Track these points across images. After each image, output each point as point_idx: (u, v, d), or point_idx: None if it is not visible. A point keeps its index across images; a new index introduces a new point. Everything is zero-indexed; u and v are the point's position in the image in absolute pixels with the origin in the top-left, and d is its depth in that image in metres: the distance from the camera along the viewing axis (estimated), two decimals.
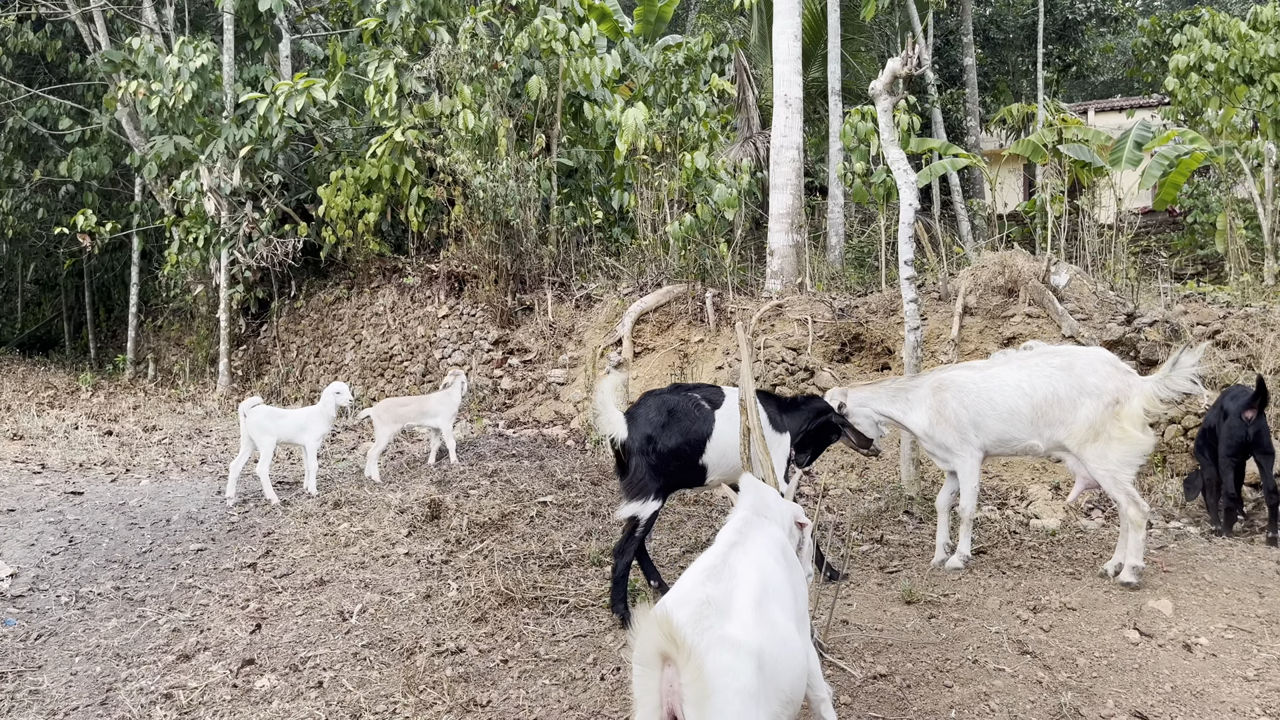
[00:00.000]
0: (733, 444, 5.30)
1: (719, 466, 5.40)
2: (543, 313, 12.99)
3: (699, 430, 5.30)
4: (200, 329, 17.11)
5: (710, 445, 5.32)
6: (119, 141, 17.65)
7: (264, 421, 7.91)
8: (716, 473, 5.43)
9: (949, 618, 5.12)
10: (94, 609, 5.53)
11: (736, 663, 2.55)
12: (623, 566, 5.16)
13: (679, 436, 5.26)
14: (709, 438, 5.31)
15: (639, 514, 5.18)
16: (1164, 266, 13.10)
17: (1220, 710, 4.09)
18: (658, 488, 5.21)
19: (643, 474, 5.19)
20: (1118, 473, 5.60)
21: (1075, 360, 5.81)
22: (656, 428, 5.23)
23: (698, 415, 5.34)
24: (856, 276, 13.57)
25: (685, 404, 5.37)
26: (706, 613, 2.66)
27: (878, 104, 7.99)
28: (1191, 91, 14.71)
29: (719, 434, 5.33)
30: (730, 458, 5.36)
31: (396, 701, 4.28)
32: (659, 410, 5.31)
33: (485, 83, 12.72)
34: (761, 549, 3.18)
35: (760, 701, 2.57)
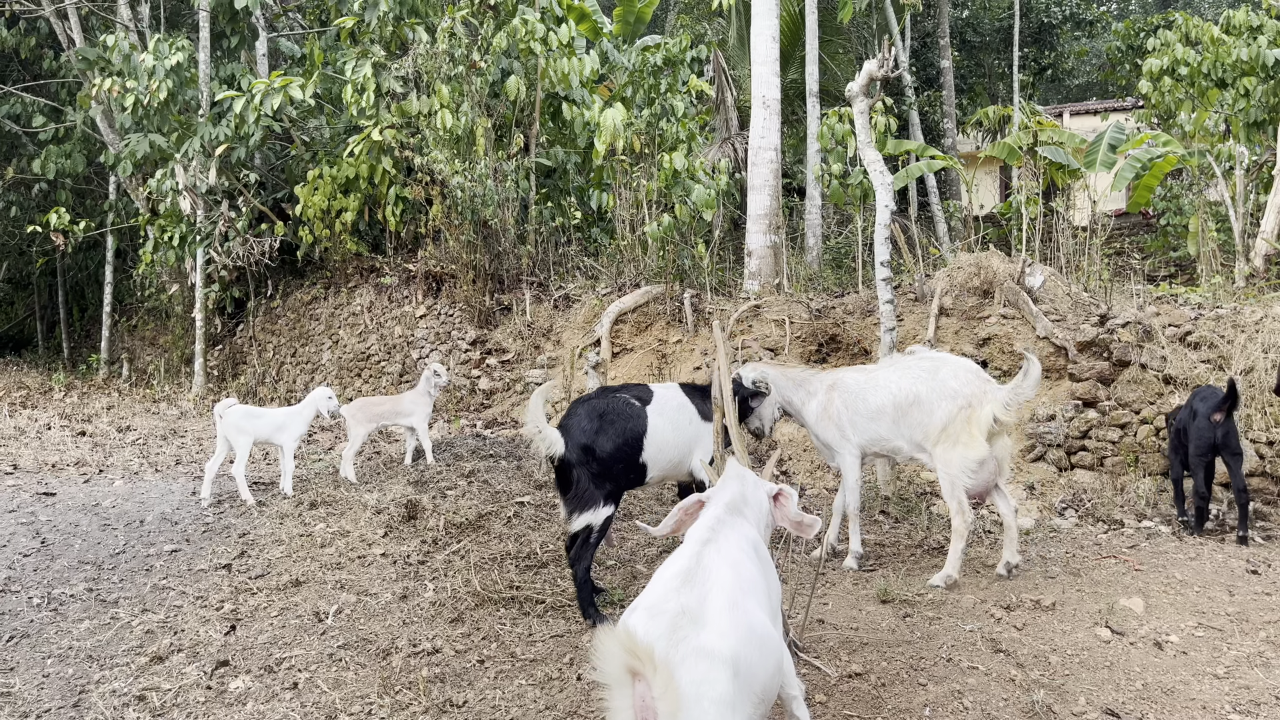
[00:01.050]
0: (669, 440, 5.37)
1: (658, 462, 5.41)
2: (521, 313, 12.97)
3: (634, 429, 5.29)
4: (175, 329, 16.97)
5: (647, 442, 5.31)
6: (93, 139, 17.48)
7: (241, 422, 7.85)
8: (656, 469, 5.42)
9: (923, 616, 5.15)
10: (66, 610, 5.48)
11: (712, 672, 2.54)
12: (582, 573, 5.13)
13: (616, 439, 5.22)
14: (644, 435, 5.31)
15: (592, 523, 5.14)
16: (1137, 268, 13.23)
17: (1190, 707, 4.13)
18: (605, 494, 5.17)
19: (586, 485, 5.14)
20: (956, 478, 5.77)
21: (941, 366, 6.01)
22: (591, 435, 5.17)
23: (630, 414, 5.32)
24: (834, 277, 13.64)
25: (616, 405, 5.34)
26: (681, 623, 2.65)
27: (854, 106, 8.03)
28: (1165, 95, 14.87)
29: (654, 430, 5.34)
30: (668, 453, 5.41)
31: (372, 702, 4.26)
32: (590, 417, 5.24)
33: (463, 82, 12.69)
34: (735, 547, 3.17)
35: (736, 708, 2.57)
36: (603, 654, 2.33)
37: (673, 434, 5.40)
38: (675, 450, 5.43)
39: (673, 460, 5.46)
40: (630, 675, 2.33)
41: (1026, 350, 6.53)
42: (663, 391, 5.57)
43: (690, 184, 12.10)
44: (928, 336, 9.55)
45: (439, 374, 8.97)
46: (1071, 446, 8.26)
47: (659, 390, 5.57)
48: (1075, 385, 8.50)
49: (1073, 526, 7.05)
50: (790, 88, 19.62)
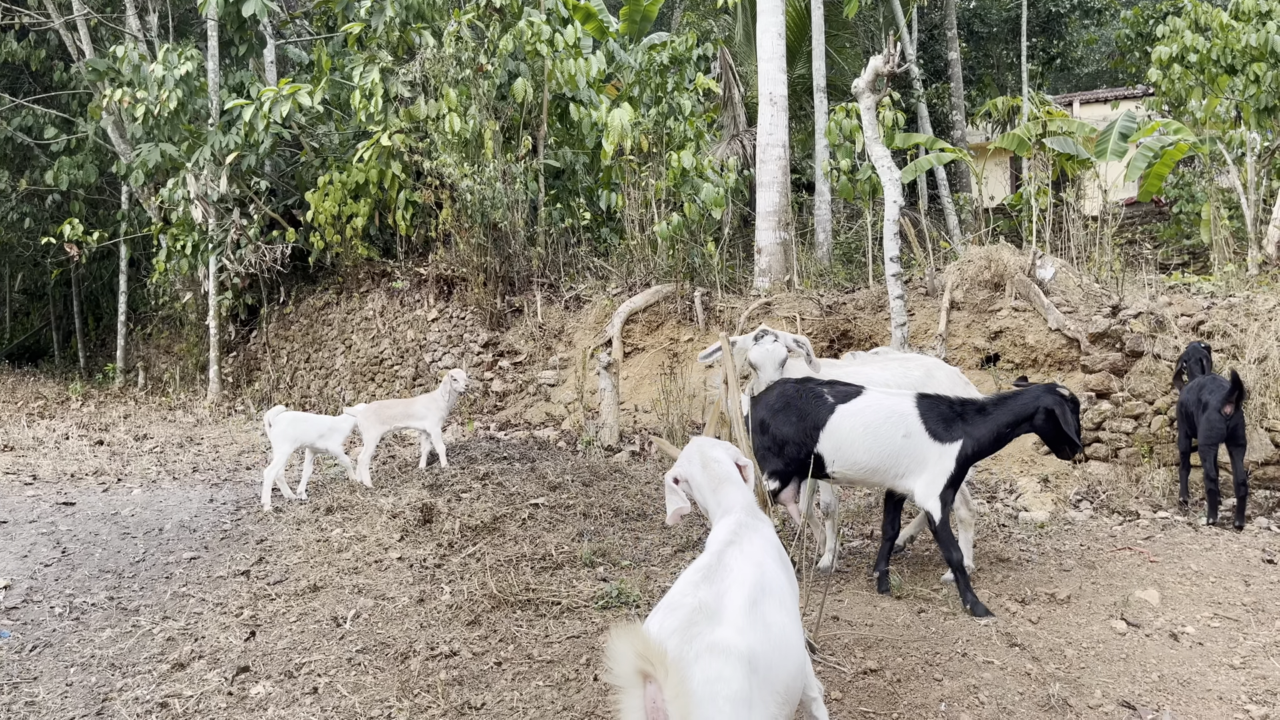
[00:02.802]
0: (858, 442, 5.27)
1: (840, 460, 5.33)
2: (532, 314, 13.01)
3: (813, 419, 5.36)
4: (189, 336, 17.09)
5: (824, 435, 5.32)
6: (105, 150, 17.61)
7: (287, 429, 8.06)
8: (839, 467, 5.36)
9: (939, 612, 5.16)
10: (88, 619, 5.54)
11: (727, 669, 2.50)
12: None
13: (792, 423, 5.41)
14: (822, 428, 5.33)
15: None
16: (1149, 258, 13.18)
17: (1207, 698, 4.13)
18: (771, 470, 5.43)
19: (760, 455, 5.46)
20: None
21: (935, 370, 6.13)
22: (771, 412, 5.46)
23: (816, 405, 5.40)
24: (844, 273, 13.63)
25: (806, 393, 5.48)
26: (696, 619, 2.61)
27: (861, 102, 8.04)
28: (1175, 82, 14.78)
29: (835, 426, 5.31)
30: (853, 454, 5.29)
31: (391, 706, 4.30)
32: (779, 397, 5.52)
33: (471, 85, 12.74)
34: (758, 548, 3.14)
35: (753, 706, 2.53)
36: (613, 654, 2.30)
37: (865, 438, 5.24)
38: (869, 456, 5.26)
39: (865, 465, 5.29)
40: (641, 677, 2.30)
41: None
42: (875, 396, 5.40)
43: (699, 182, 12.12)
44: (939, 331, 9.54)
45: (456, 379, 9.03)
46: (1086, 438, 8.24)
47: (874, 393, 5.43)
48: (1088, 377, 8.49)
49: (1087, 519, 7.04)
50: (797, 83, 19.59)
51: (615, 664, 2.27)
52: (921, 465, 5.17)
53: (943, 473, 5.14)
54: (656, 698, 2.27)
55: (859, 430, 5.24)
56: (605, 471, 8.50)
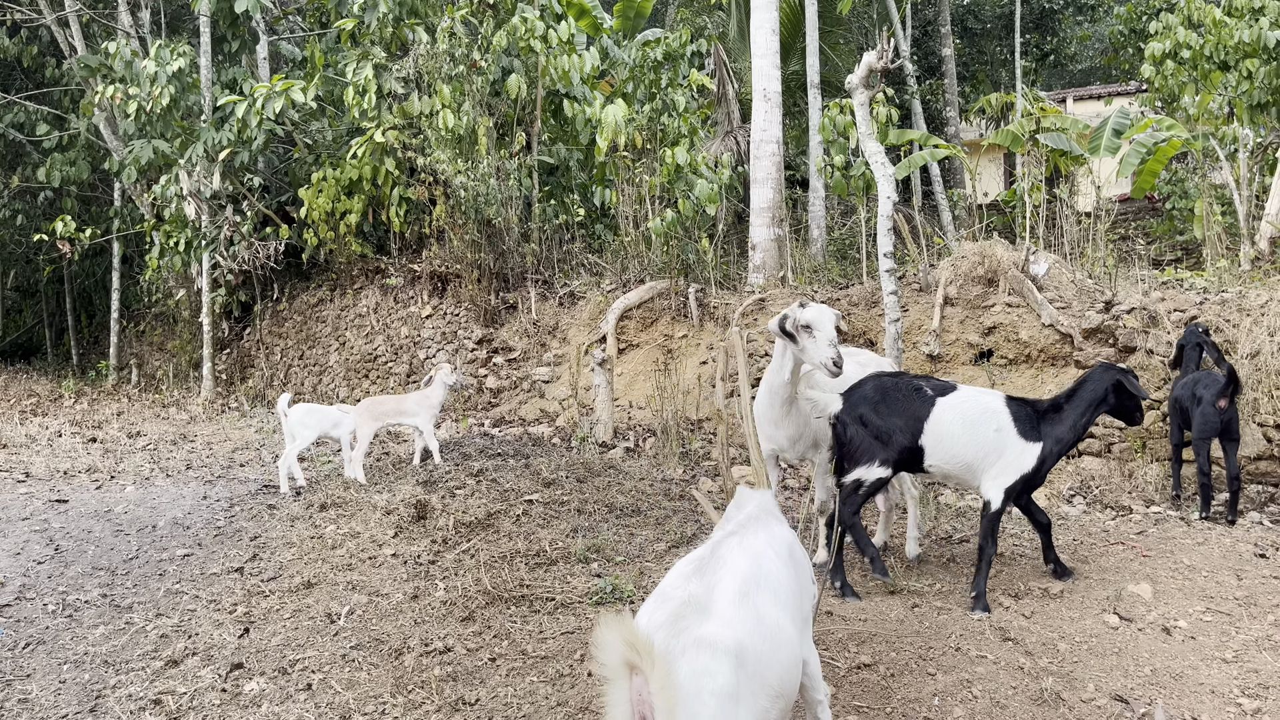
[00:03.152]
0: (957, 436, 5.37)
1: (937, 453, 5.43)
2: (526, 311, 13.00)
3: (916, 411, 5.45)
4: (183, 333, 17.05)
5: (927, 427, 5.41)
6: (97, 146, 17.56)
7: (304, 418, 8.41)
8: (936, 459, 5.45)
9: (932, 607, 5.17)
10: (81, 617, 5.53)
11: (713, 663, 2.48)
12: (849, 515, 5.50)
13: (895, 413, 5.48)
14: (925, 420, 5.43)
15: (863, 478, 5.48)
16: (1142, 254, 13.21)
17: (1199, 692, 4.15)
18: (880, 459, 5.46)
19: (861, 442, 5.50)
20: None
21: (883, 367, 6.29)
22: (872, 403, 5.52)
23: (917, 398, 5.50)
24: (839, 269, 13.63)
25: (904, 385, 5.60)
26: (685, 612, 2.59)
27: (854, 98, 8.04)
28: (1168, 78, 14.80)
29: (937, 420, 5.41)
30: (951, 448, 5.39)
31: (385, 702, 4.30)
32: (876, 389, 5.58)
33: (464, 82, 12.72)
34: (762, 541, 3.10)
35: (740, 700, 2.50)
36: (601, 645, 2.28)
37: (965, 432, 5.35)
38: (967, 450, 5.36)
39: (963, 459, 5.40)
40: (628, 669, 2.28)
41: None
42: (970, 392, 5.56)
43: (693, 178, 12.11)
44: (933, 327, 9.55)
45: (445, 373, 9.03)
46: None
47: (966, 390, 5.58)
48: (1081, 372, 8.50)
49: (1081, 514, 7.06)
50: (791, 79, 19.60)
51: (602, 655, 2.26)
52: (1001, 458, 5.32)
53: (1018, 469, 5.30)
54: (643, 690, 2.25)
55: (959, 424, 5.37)
56: (600, 468, 8.50)
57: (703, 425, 10.18)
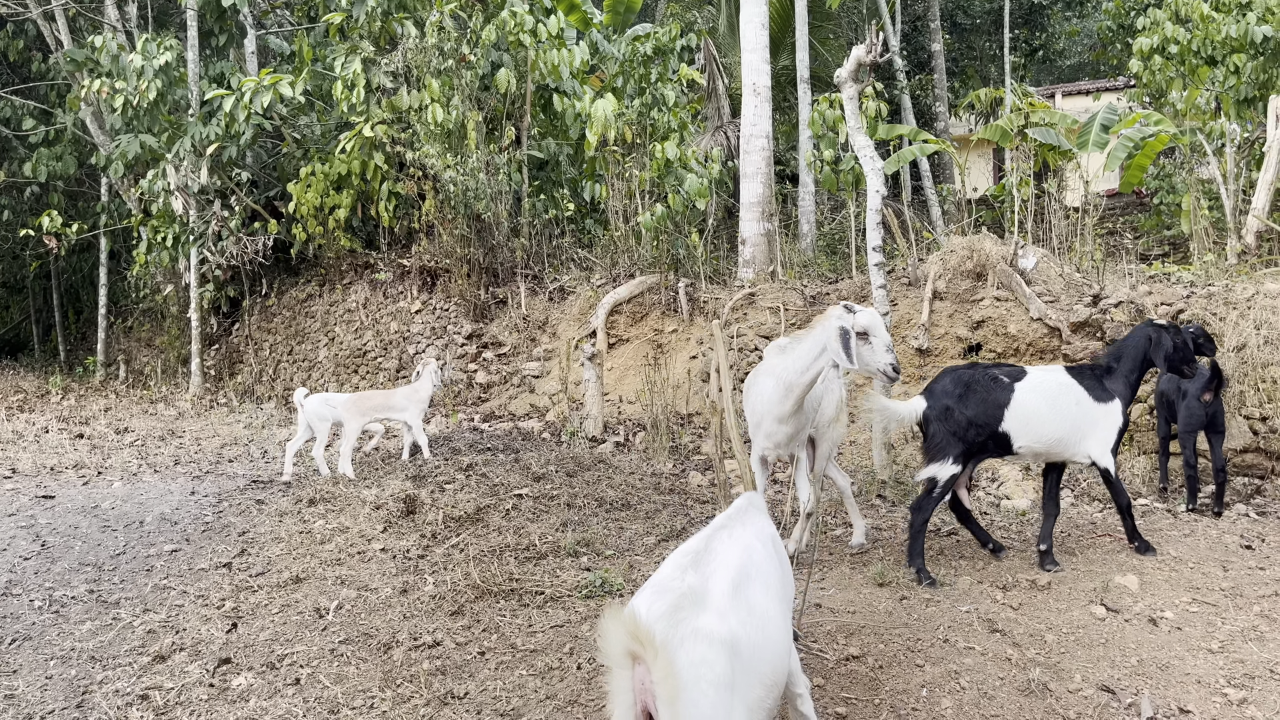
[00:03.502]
0: (1043, 415, 5.61)
1: (1024, 435, 5.64)
2: (516, 306, 12.99)
3: (996, 399, 5.65)
4: (171, 329, 16.98)
5: (1008, 414, 5.61)
6: (84, 141, 17.46)
7: (320, 409, 8.71)
8: (1024, 441, 5.65)
9: (920, 599, 5.19)
10: (68, 612, 5.50)
11: (710, 654, 2.54)
12: (919, 523, 5.62)
13: (976, 405, 5.65)
14: (1006, 406, 5.63)
15: (937, 476, 5.64)
16: (1130, 248, 13.25)
17: (1185, 682, 4.17)
18: (957, 453, 5.63)
19: (941, 438, 5.67)
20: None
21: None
22: (954, 398, 5.69)
23: (995, 386, 5.71)
24: (828, 264, 13.65)
25: (981, 376, 5.78)
26: (683, 604, 2.64)
27: (843, 92, 8.04)
28: (1156, 74, 14.84)
29: (1019, 404, 5.62)
30: (1038, 428, 5.63)
31: (374, 696, 4.29)
32: (956, 383, 5.76)
33: (453, 76, 12.68)
34: (751, 535, 3.19)
35: (736, 690, 2.56)
36: (604, 635, 2.33)
37: (1049, 410, 5.60)
38: (1054, 427, 5.62)
39: (1052, 436, 5.64)
40: (631, 658, 2.34)
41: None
42: (1040, 372, 5.83)
43: (683, 173, 12.11)
44: (922, 320, 9.57)
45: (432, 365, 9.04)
46: None
47: (1036, 371, 5.84)
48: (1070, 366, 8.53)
49: (1068, 506, 7.09)
50: (781, 74, 19.59)
51: (606, 644, 2.31)
52: (1094, 427, 5.64)
53: (1112, 428, 5.66)
54: (645, 678, 2.30)
55: (1043, 404, 5.61)
56: (589, 462, 8.50)
57: (692, 420, 10.18)
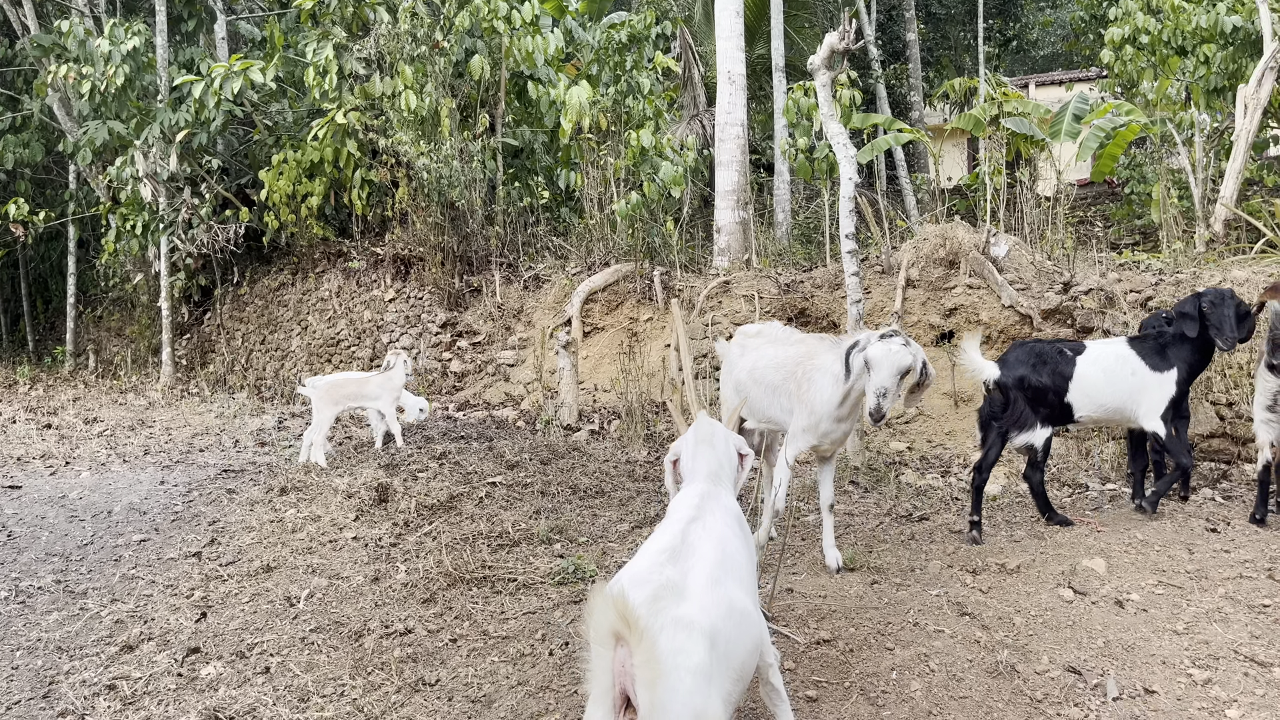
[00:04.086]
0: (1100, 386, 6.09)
1: (1085, 405, 6.13)
2: (491, 294, 12.94)
3: (1062, 371, 6.14)
4: (141, 318, 16.79)
5: (1072, 385, 6.12)
6: (51, 128, 17.21)
7: (327, 392, 8.76)
8: (1085, 410, 6.15)
9: (891, 583, 5.22)
10: (34, 603, 5.44)
11: (689, 643, 2.57)
12: (1037, 484, 6.25)
13: (1046, 375, 6.14)
14: (1070, 378, 6.12)
15: (1032, 442, 6.15)
16: (1101, 237, 13.36)
17: (1150, 662, 4.22)
18: (1040, 419, 6.15)
19: (1023, 408, 6.16)
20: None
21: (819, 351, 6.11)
22: (1028, 368, 6.16)
23: (1060, 359, 6.18)
24: (803, 252, 13.68)
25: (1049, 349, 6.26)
26: (662, 594, 2.68)
27: (817, 79, 8.04)
28: (1127, 64, 14.95)
29: (1081, 376, 6.11)
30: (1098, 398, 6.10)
31: (344, 684, 4.27)
32: (1029, 354, 6.23)
33: (427, 63, 12.59)
34: (720, 522, 3.21)
35: (712, 680, 2.61)
36: (592, 613, 2.36)
37: (1105, 381, 6.07)
38: (1111, 396, 6.07)
39: (1108, 405, 6.11)
40: (614, 639, 2.36)
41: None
42: (1100, 345, 6.31)
43: (658, 161, 12.08)
44: (895, 308, 9.62)
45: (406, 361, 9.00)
46: None
47: (1096, 344, 6.33)
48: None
49: None
50: (757, 63, 19.58)
51: (593, 622, 2.34)
52: (1146, 395, 6.03)
53: (1164, 397, 6.00)
54: (626, 661, 2.32)
55: (1101, 376, 6.08)
56: (564, 450, 8.49)
57: (667, 407, 10.19)
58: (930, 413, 8.96)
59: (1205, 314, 5.98)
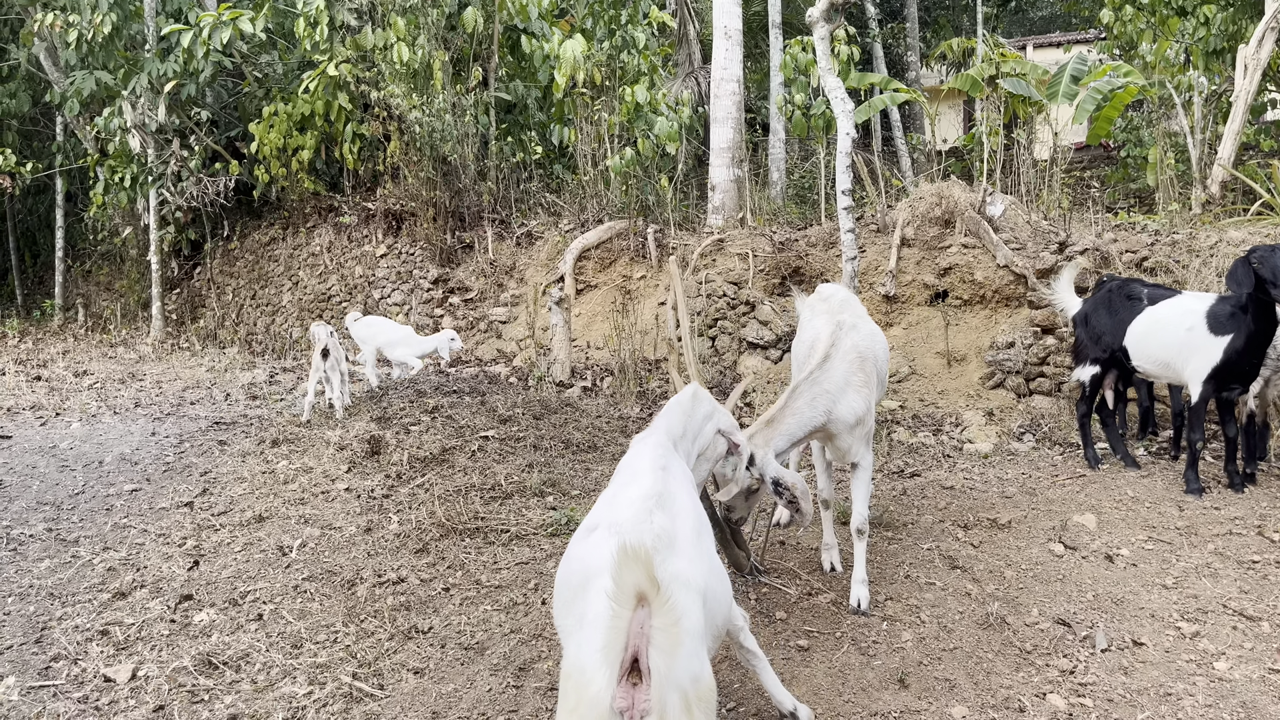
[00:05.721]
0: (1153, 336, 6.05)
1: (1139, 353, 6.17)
2: (483, 251, 12.85)
3: (1123, 315, 6.28)
4: (131, 272, 16.67)
5: (1130, 330, 6.21)
6: (38, 78, 16.95)
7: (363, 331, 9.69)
8: (1139, 359, 6.19)
9: (883, 537, 5.24)
10: (26, 550, 5.43)
11: (688, 602, 2.48)
12: (1079, 419, 6.68)
13: (1107, 317, 6.38)
14: (1128, 323, 6.23)
15: (1081, 379, 6.60)
16: (1097, 199, 13.31)
17: (1139, 616, 4.25)
18: (1091, 359, 6.50)
19: (1081, 345, 6.52)
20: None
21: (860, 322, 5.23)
22: (1091, 307, 6.48)
23: (1127, 304, 6.30)
24: (798, 211, 13.59)
25: (1119, 293, 6.43)
26: (660, 546, 2.56)
27: (815, 32, 7.95)
28: (1126, 25, 14.83)
29: (1139, 322, 6.16)
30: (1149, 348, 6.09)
31: (337, 631, 4.28)
32: (1098, 295, 6.52)
33: (419, 14, 12.40)
34: (685, 476, 3.13)
35: (702, 640, 2.53)
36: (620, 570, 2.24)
37: (1159, 334, 6.00)
38: (1159, 349, 6.01)
39: (1158, 358, 6.05)
40: (637, 599, 2.26)
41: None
42: (1180, 299, 6.10)
43: (653, 117, 11.97)
44: (889, 267, 9.59)
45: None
46: (1030, 373, 8.37)
47: (1182, 297, 6.14)
48: (1034, 313, 8.59)
49: (1030, 450, 7.17)
50: (753, 20, 19.35)
51: (620, 579, 2.24)
52: (1195, 355, 5.81)
53: (1209, 361, 5.74)
54: (645, 623, 2.24)
55: (1155, 326, 6.04)
56: (556, 405, 8.47)
57: (660, 365, 10.17)
58: (923, 372, 8.96)
59: (1257, 271, 5.40)
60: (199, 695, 3.82)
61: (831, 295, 5.04)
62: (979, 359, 8.84)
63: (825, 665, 3.88)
